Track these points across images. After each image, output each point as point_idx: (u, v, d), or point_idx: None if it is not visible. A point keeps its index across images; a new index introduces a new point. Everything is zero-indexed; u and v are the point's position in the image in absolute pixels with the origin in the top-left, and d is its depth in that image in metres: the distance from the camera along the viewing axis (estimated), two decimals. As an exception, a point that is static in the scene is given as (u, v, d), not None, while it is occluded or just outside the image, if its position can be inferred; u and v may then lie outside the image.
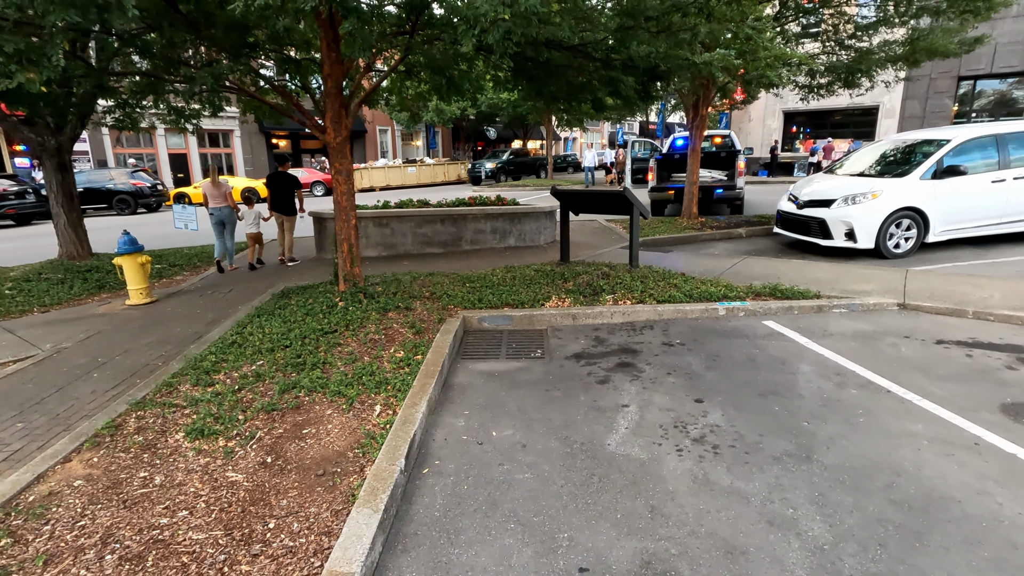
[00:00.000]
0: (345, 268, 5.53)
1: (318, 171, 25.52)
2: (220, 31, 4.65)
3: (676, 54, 4.43)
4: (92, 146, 22.72)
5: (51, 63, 3.20)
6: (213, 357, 4.17)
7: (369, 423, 3.23)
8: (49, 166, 7.70)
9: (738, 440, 3.08)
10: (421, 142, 36.89)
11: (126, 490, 2.65)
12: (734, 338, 4.70)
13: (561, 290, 5.78)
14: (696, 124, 10.12)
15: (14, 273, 7.65)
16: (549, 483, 2.74)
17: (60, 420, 3.51)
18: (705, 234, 9.71)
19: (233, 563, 2.15)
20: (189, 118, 6.31)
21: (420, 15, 4.30)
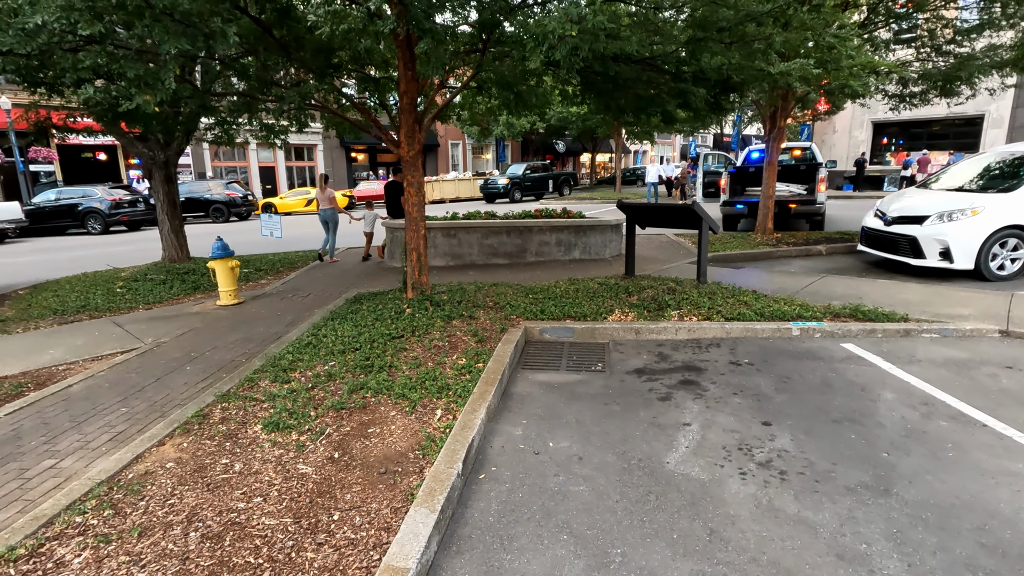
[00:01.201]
0: (413, 276, 5.74)
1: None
2: (308, 53, 5.02)
3: (750, 65, 4.31)
4: (194, 159, 24.90)
5: (164, 86, 3.59)
6: (290, 356, 4.45)
7: (430, 426, 3.33)
8: (157, 178, 8.53)
9: (808, 467, 2.92)
10: (491, 155, 37.64)
11: (209, 474, 2.88)
12: (808, 360, 4.46)
13: (625, 304, 5.71)
14: (773, 136, 9.73)
15: (124, 274, 8.50)
16: (604, 497, 2.72)
17: (157, 407, 3.87)
18: (780, 250, 9.27)
19: (300, 549, 2.29)
20: (278, 134, 6.81)
21: (492, 33, 4.45)
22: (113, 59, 3.65)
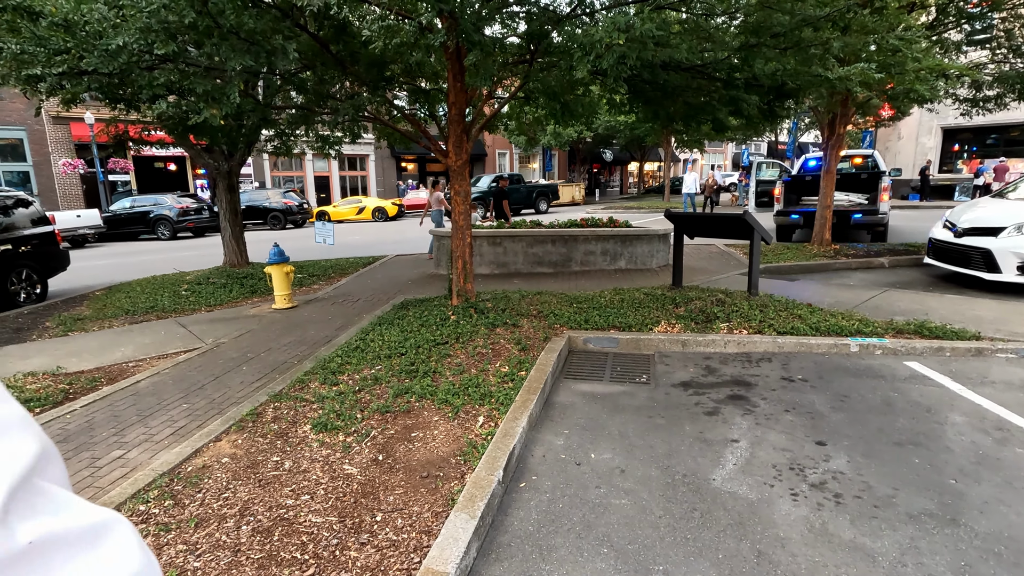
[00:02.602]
0: (459, 284, 5.82)
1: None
2: (362, 67, 5.20)
3: (806, 71, 4.16)
4: (254, 169, 26.16)
5: (229, 100, 3.80)
6: (339, 359, 4.59)
7: (472, 433, 3.36)
8: (221, 187, 9.01)
9: (866, 491, 2.77)
10: (537, 164, 37.78)
11: (261, 471, 3.00)
12: (868, 378, 4.24)
13: (671, 315, 5.60)
14: (832, 143, 9.35)
15: (189, 277, 9.00)
16: (647, 512, 2.66)
17: (215, 404, 4.06)
18: (839, 262, 8.86)
19: (344, 548, 2.35)
20: (332, 144, 7.07)
21: (540, 44, 4.49)
22: (184, 76, 3.90)
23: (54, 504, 0.34)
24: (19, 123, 19.94)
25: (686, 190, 20.47)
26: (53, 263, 8.92)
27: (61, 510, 0.34)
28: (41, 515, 0.33)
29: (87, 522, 0.35)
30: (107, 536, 0.36)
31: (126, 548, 0.36)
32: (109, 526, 0.36)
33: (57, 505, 0.34)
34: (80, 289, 9.19)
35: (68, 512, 0.34)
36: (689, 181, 20.56)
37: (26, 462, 0.33)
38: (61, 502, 0.34)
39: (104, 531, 0.36)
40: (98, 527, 0.36)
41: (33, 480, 0.33)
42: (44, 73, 3.48)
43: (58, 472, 0.37)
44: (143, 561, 0.37)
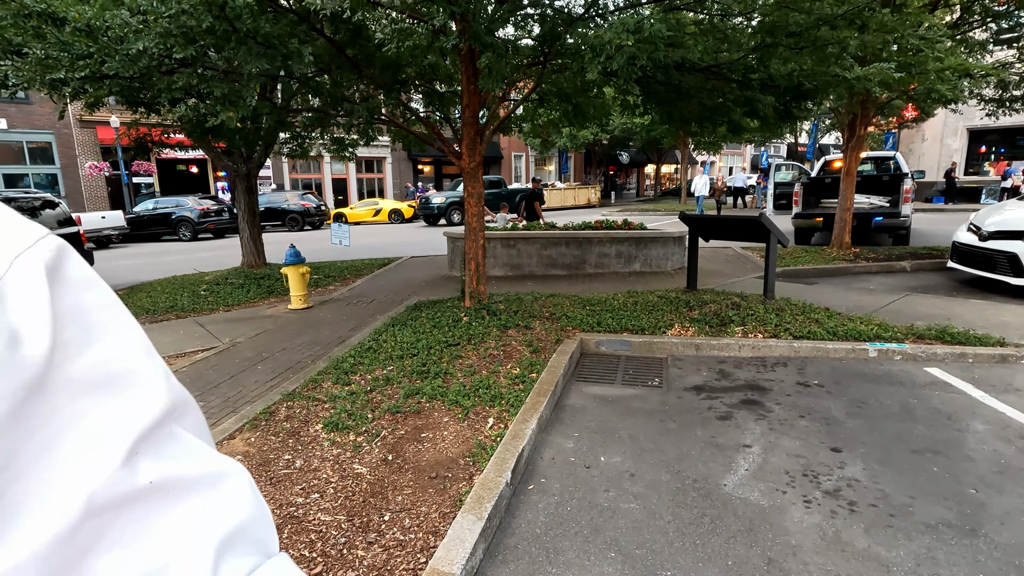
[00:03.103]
0: (471, 285, 5.83)
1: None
2: (377, 70, 5.25)
3: (823, 70, 4.10)
4: (274, 172, 26.54)
5: (245, 103, 3.87)
6: (352, 359, 4.63)
7: (481, 434, 3.36)
8: (240, 189, 9.15)
9: (882, 499, 2.71)
10: (553, 167, 37.75)
11: (273, 469, 3.03)
12: (886, 384, 4.15)
13: (685, 318, 5.54)
14: (852, 145, 9.19)
15: (208, 278, 9.15)
16: (656, 516, 2.63)
17: (230, 403, 4.12)
18: (858, 266, 8.70)
19: (351, 547, 2.37)
20: (347, 147, 7.14)
21: (553, 46, 4.49)
22: (202, 80, 3.97)
23: (182, 449, 0.37)
24: (48, 127, 20.50)
25: (697, 193, 20.06)
26: (78, 263, 9.12)
27: (187, 455, 0.37)
28: (167, 459, 0.35)
29: (207, 468, 0.38)
30: (224, 482, 0.38)
31: (240, 495, 0.39)
32: (228, 473, 0.39)
33: (184, 450, 0.37)
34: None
35: (192, 458, 0.37)
36: (699, 184, 20.12)
37: (160, 409, 0.36)
38: (189, 448, 0.37)
39: (222, 478, 0.39)
40: (217, 474, 0.38)
41: (169, 426, 0.36)
42: (67, 77, 3.57)
43: (194, 422, 0.40)
44: (255, 509, 0.40)
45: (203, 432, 0.41)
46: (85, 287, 0.35)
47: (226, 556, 0.37)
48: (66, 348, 0.33)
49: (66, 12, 3.51)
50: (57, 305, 0.32)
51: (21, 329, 0.30)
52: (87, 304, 0.35)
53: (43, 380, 0.31)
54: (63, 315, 0.33)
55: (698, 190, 20.04)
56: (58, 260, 0.34)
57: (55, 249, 0.34)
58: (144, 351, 0.37)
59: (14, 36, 3.57)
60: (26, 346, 0.30)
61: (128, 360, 0.36)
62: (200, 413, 0.41)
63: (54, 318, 0.32)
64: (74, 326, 0.33)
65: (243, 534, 0.38)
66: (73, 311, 0.34)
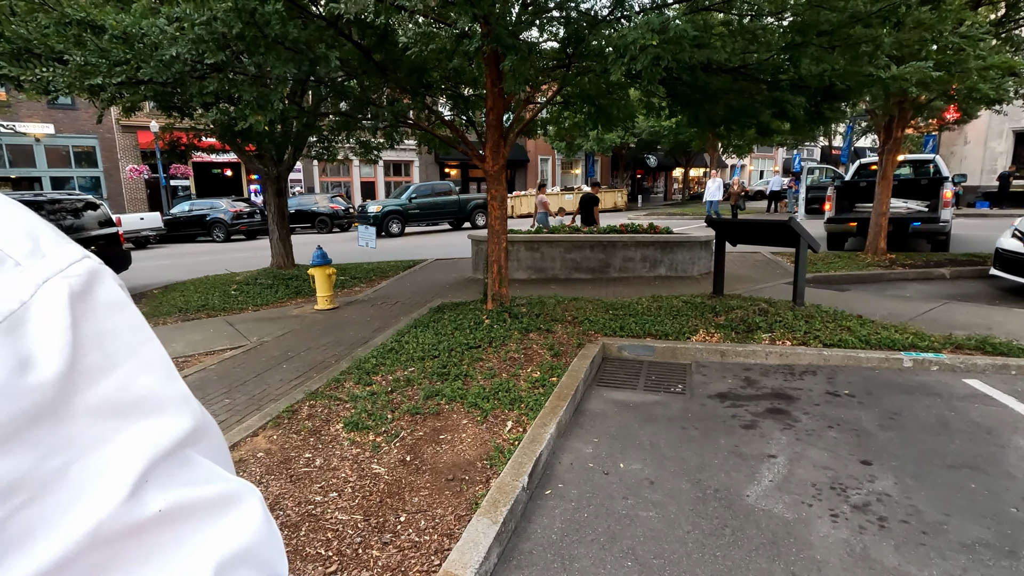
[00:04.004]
0: (494, 288, 5.83)
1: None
2: (403, 74, 5.31)
3: (856, 70, 3.97)
4: (304, 175, 27.09)
5: (273, 107, 3.95)
6: (374, 360, 4.67)
7: (500, 437, 3.34)
8: (270, 191, 9.36)
9: (914, 516, 2.60)
10: (580, 170, 37.61)
11: (293, 467, 3.08)
12: (921, 396, 3.99)
13: (710, 324, 5.44)
14: (889, 148, 8.91)
15: (239, 278, 9.37)
16: (675, 526, 2.57)
17: (254, 400, 4.20)
18: (894, 272, 8.41)
19: (367, 546, 2.38)
20: (374, 150, 7.24)
21: (577, 47, 4.46)
22: (232, 84, 4.07)
23: (193, 475, 0.36)
24: (92, 132, 21.35)
25: (708, 197, 18.86)
26: (116, 263, 9.46)
27: (198, 481, 0.37)
28: (178, 486, 0.35)
29: (217, 492, 0.38)
30: (236, 506, 0.38)
31: (250, 518, 0.39)
32: (241, 496, 0.39)
33: (196, 476, 0.37)
34: (140, 288, 9.71)
35: (205, 483, 0.37)
36: (712, 188, 18.92)
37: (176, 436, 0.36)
38: (202, 472, 0.37)
39: (235, 501, 0.38)
40: (230, 496, 0.38)
41: (184, 451, 0.36)
42: (105, 83, 3.71)
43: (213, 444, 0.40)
44: (265, 532, 0.39)
45: (221, 454, 0.40)
46: (113, 311, 0.36)
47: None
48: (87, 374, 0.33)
49: (104, 20, 3.65)
50: (80, 330, 0.33)
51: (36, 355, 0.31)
52: (113, 328, 0.35)
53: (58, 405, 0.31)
54: (86, 341, 0.33)
55: (709, 194, 18.91)
56: (88, 284, 0.34)
57: (86, 273, 0.34)
58: (166, 375, 0.37)
59: (56, 43, 3.73)
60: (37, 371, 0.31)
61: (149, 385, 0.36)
62: (220, 435, 0.41)
63: (74, 344, 0.32)
64: (97, 351, 0.34)
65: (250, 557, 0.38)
66: (98, 336, 0.34)
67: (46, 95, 4.22)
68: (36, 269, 0.33)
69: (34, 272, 0.33)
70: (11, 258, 0.33)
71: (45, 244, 0.34)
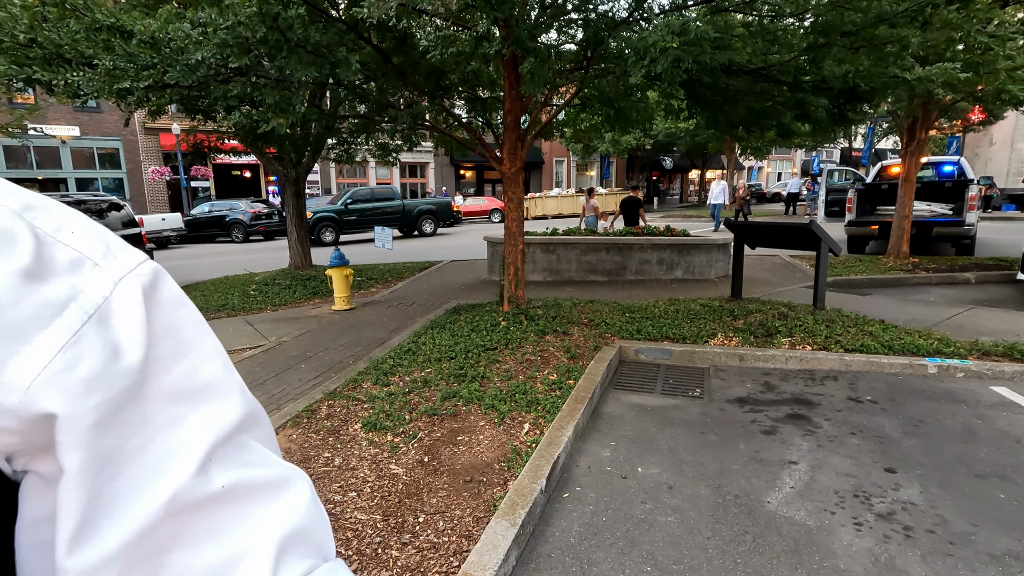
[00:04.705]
0: (510, 290, 5.84)
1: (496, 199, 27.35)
2: (422, 76, 5.34)
3: (880, 71, 3.90)
4: (321, 176, 27.37)
5: (295, 110, 4.00)
6: (391, 361, 4.70)
7: (517, 439, 3.34)
8: (289, 192, 9.47)
9: (940, 525, 2.54)
10: (595, 172, 37.50)
11: (312, 466, 3.11)
12: (947, 403, 3.91)
13: (729, 328, 5.38)
14: (912, 150, 8.75)
15: (258, 278, 9.50)
16: (694, 532, 2.55)
17: (274, 399, 4.25)
18: (917, 277, 8.26)
19: (386, 547, 2.39)
20: (392, 152, 7.29)
21: (596, 50, 4.46)
22: (255, 88, 4.13)
23: (252, 457, 0.40)
24: (116, 134, 21.80)
25: (712, 200, 17.84)
26: (139, 262, 9.64)
27: (256, 463, 0.40)
28: (238, 466, 0.38)
29: (273, 475, 0.41)
30: (287, 488, 0.41)
31: (302, 500, 0.42)
32: (291, 480, 0.42)
33: (253, 458, 0.40)
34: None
35: (260, 465, 0.40)
36: (716, 191, 17.89)
37: (235, 420, 0.39)
38: (257, 456, 0.41)
39: (286, 484, 0.41)
40: (282, 480, 0.41)
41: (241, 436, 0.40)
42: (133, 87, 3.79)
43: (264, 432, 0.43)
44: (315, 514, 0.43)
45: (271, 441, 0.44)
46: (177, 306, 0.40)
47: (286, 557, 0.39)
48: (160, 361, 0.37)
49: (133, 25, 3.73)
50: (152, 323, 0.37)
51: (123, 343, 0.35)
52: (179, 322, 0.39)
53: (140, 389, 0.35)
54: (158, 332, 0.37)
55: (714, 197, 17.86)
56: (154, 282, 0.38)
57: (151, 273, 0.38)
58: (225, 365, 0.41)
59: (86, 48, 3.82)
60: (126, 357, 0.34)
61: (212, 373, 0.40)
62: (269, 423, 0.45)
63: (150, 334, 0.36)
64: (168, 342, 0.38)
65: (303, 537, 0.41)
66: (167, 328, 0.38)
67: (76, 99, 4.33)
68: (112, 269, 0.37)
69: (111, 271, 0.36)
70: (90, 259, 0.36)
71: (115, 247, 0.38)
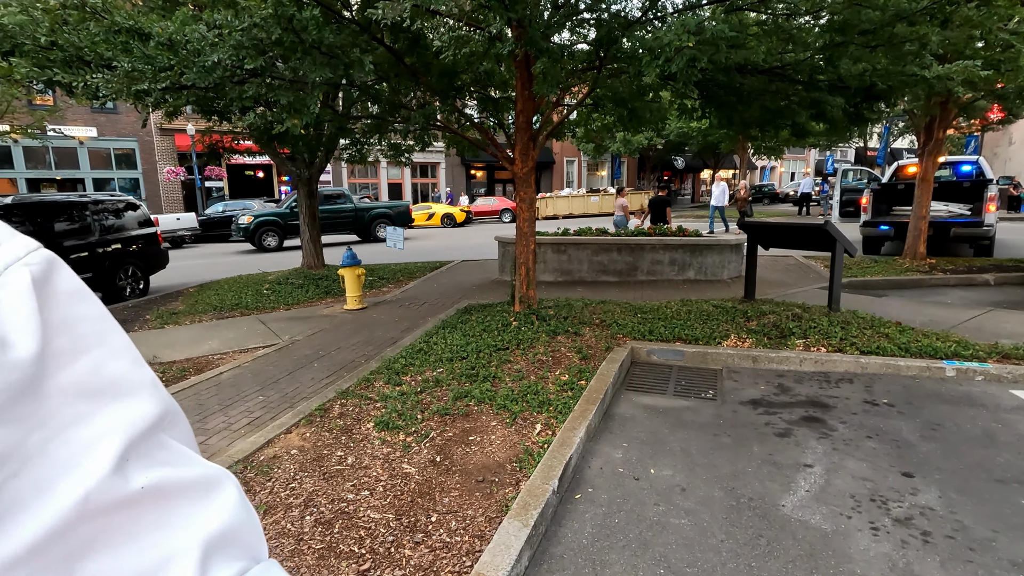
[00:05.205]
0: (521, 290, 5.84)
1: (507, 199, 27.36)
2: (434, 77, 5.36)
3: (898, 70, 3.85)
4: (333, 177, 27.55)
5: (309, 111, 4.03)
6: (403, 360, 4.72)
7: (529, 440, 3.34)
8: (302, 193, 9.54)
9: (960, 531, 2.50)
10: (606, 172, 37.38)
11: (326, 464, 3.13)
12: (966, 406, 3.84)
13: (742, 329, 5.34)
14: (929, 149, 8.63)
15: (271, 277, 9.58)
16: (708, 535, 2.53)
17: (287, 398, 4.28)
18: (934, 278, 8.14)
19: (399, 546, 2.40)
20: (404, 152, 7.32)
21: (609, 50, 4.44)
22: (270, 89, 4.17)
23: (172, 457, 0.38)
24: (132, 135, 22.10)
25: (713, 202, 17.28)
26: (155, 261, 9.77)
27: (177, 463, 0.38)
28: (158, 465, 0.37)
29: (197, 474, 0.40)
30: (214, 489, 0.40)
31: (229, 501, 0.40)
32: (217, 480, 0.41)
33: (174, 458, 0.39)
34: (176, 286, 10.01)
35: (183, 465, 0.39)
36: (717, 192, 17.30)
37: (150, 418, 0.37)
38: (178, 456, 0.39)
39: (213, 484, 0.40)
40: (207, 481, 0.40)
41: (158, 435, 0.38)
42: (150, 88, 3.84)
43: (182, 432, 0.42)
44: (244, 515, 0.41)
45: (191, 442, 0.42)
46: (75, 299, 0.37)
47: (214, 559, 0.38)
48: (58, 356, 0.34)
49: (151, 28, 3.78)
50: (47, 315, 0.34)
51: (10, 335, 0.32)
52: (77, 315, 0.37)
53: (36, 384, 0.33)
54: (53, 325, 0.34)
55: (715, 199, 17.30)
56: (47, 272, 0.35)
57: (44, 262, 0.35)
58: (134, 361, 0.39)
59: (105, 51, 3.88)
60: (15, 350, 0.32)
61: (119, 370, 0.38)
62: (188, 424, 0.43)
63: (43, 327, 0.34)
64: (65, 336, 0.35)
65: (232, 539, 0.39)
66: (63, 321, 0.35)
67: (95, 100, 4.39)
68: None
69: None
70: None
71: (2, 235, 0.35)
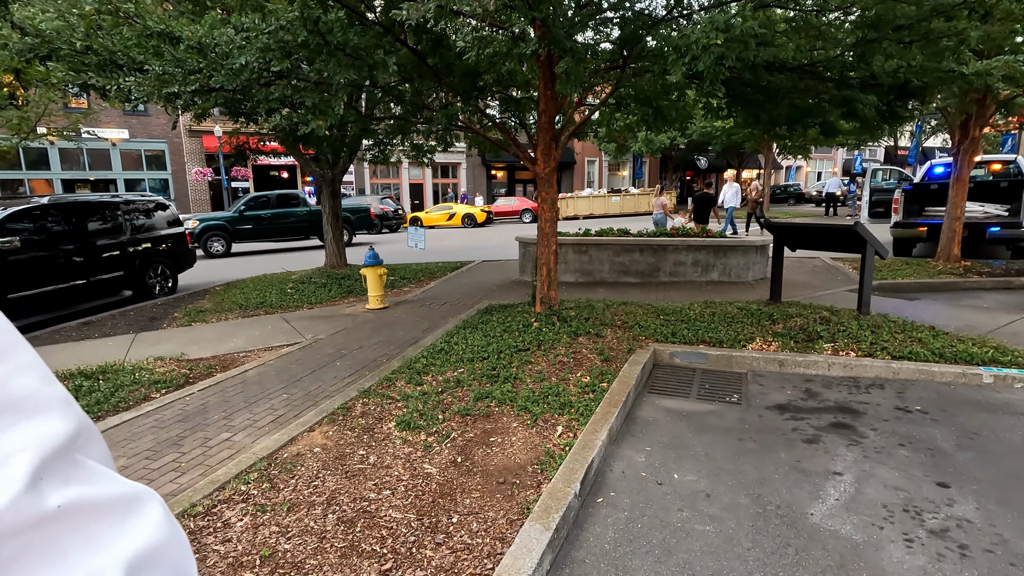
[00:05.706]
0: (542, 291, 5.81)
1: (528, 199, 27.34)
2: (457, 78, 5.37)
3: (935, 66, 3.73)
4: (356, 177, 27.87)
5: (333, 112, 4.07)
6: (424, 360, 4.73)
7: (550, 442, 3.32)
8: (325, 193, 9.66)
9: (1000, 544, 2.41)
10: (627, 172, 37.10)
11: (348, 463, 3.15)
12: (1004, 414, 3.71)
13: (768, 332, 5.23)
14: (965, 148, 8.35)
15: (295, 276, 9.72)
16: (733, 542, 2.48)
17: (310, 396, 4.33)
18: (970, 281, 7.88)
19: (420, 546, 2.40)
20: (426, 153, 7.35)
21: (633, 49, 4.39)
22: (295, 91, 4.22)
23: (88, 475, 0.37)
24: (162, 136, 22.68)
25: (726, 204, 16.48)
26: (183, 260, 9.99)
27: (94, 481, 0.37)
28: (73, 484, 0.36)
29: (117, 492, 0.38)
30: (136, 507, 0.39)
31: (152, 519, 0.39)
32: (140, 498, 0.39)
33: (91, 476, 0.37)
34: (203, 284, 10.22)
35: (100, 483, 0.38)
36: (729, 194, 16.55)
37: (63, 436, 0.36)
38: (95, 474, 0.38)
39: (135, 502, 0.39)
40: (128, 498, 0.39)
41: (72, 454, 0.37)
42: (180, 91, 3.92)
43: (98, 450, 0.40)
44: (168, 533, 0.40)
45: (107, 460, 0.41)
46: None
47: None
48: None
49: (181, 32, 3.86)
50: None
51: None
52: None
53: None
54: None
55: (727, 200, 16.56)
56: None
57: None
58: (43, 378, 0.38)
59: (137, 55, 3.97)
60: None
61: (26, 387, 0.36)
62: (103, 441, 0.42)
63: None
64: None
65: (157, 558, 0.38)
66: None
67: (128, 103, 4.50)
68: None
69: None
70: None
71: None
